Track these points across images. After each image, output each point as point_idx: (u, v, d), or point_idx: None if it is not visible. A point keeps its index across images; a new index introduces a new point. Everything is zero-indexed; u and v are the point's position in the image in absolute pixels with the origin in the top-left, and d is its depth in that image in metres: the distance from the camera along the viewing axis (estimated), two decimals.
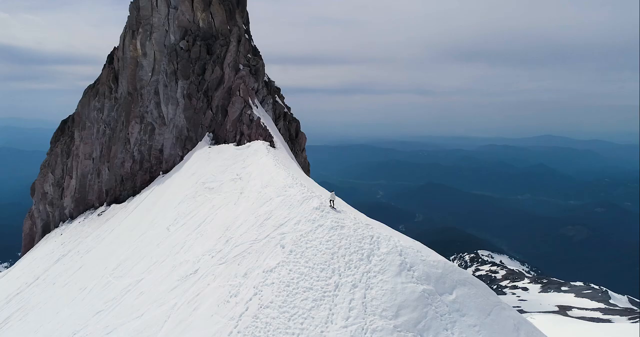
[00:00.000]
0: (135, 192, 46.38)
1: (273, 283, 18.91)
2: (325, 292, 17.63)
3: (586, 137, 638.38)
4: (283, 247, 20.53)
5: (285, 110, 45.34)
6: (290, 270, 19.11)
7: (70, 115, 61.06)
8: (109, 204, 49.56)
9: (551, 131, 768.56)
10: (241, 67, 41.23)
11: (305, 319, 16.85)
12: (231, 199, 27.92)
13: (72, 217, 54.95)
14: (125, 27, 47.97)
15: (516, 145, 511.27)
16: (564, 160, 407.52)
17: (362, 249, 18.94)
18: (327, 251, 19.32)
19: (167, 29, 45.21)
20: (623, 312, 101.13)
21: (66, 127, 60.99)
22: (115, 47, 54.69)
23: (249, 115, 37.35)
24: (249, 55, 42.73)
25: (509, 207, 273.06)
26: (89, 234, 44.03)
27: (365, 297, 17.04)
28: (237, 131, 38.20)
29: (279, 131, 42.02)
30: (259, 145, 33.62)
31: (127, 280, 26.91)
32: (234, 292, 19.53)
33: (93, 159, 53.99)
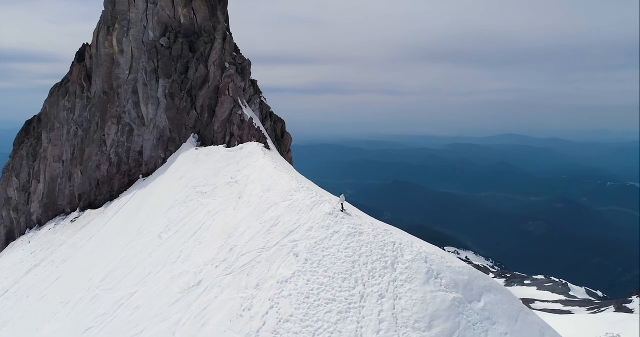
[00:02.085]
0: (112, 196, 43.90)
1: (290, 294, 17.81)
2: (350, 303, 16.70)
3: (544, 135, 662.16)
4: (296, 256, 19.43)
5: (271, 109, 44.02)
6: (308, 280, 18.06)
7: (35, 116, 57.57)
8: (82, 210, 46.79)
9: (512, 130, 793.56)
10: (227, 65, 39.60)
11: (332, 333, 15.86)
12: (229, 204, 26.51)
13: (40, 224, 51.69)
14: (99, 23, 45.31)
15: (479, 144, 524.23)
16: (524, 158, 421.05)
17: (385, 256, 18.10)
18: (346, 259, 18.38)
19: (145, 24, 42.95)
20: (582, 303, 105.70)
21: (31, 128, 57.44)
22: (84, 44, 51.82)
23: (240, 115, 35.83)
24: (234, 52, 41.15)
25: (473, 204, 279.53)
26: (63, 242, 41.33)
27: (394, 308, 16.22)
28: (226, 132, 36.59)
29: (266, 131, 40.67)
30: (254, 146, 32.22)
31: (118, 293, 25.07)
32: (246, 306, 18.29)
33: (63, 161, 50.92)
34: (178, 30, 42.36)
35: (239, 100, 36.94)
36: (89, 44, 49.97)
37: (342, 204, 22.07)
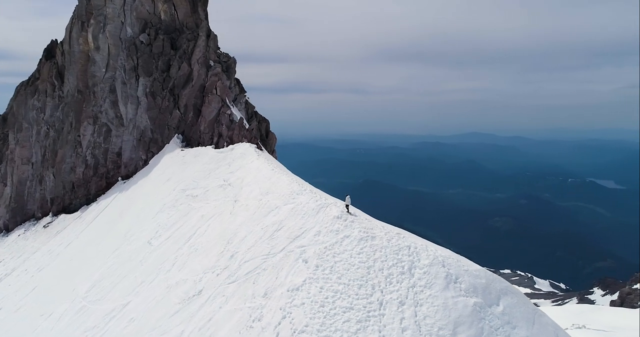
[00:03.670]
0: (89, 200, 41.76)
1: (303, 303, 17.01)
2: (369, 311, 16.08)
3: (508, 134, 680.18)
4: (306, 262, 18.65)
5: (256, 109, 42.91)
6: (321, 288, 17.32)
7: (0, 116, 54.48)
8: (55, 214, 44.39)
9: (478, 129, 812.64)
10: (212, 63, 38.28)
11: None
12: (225, 208, 25.44)
13: (8, 230, 48.84)
14: (73, 18, 43.04)
15: (446, 142, 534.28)
16: (489, 155, 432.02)
17: (401, 261, 17.59)
18: (361, 265, 17.75)
19: (123, 20, 41.03)
20: (547, 295, 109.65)
21: None
22: (53, 40, 49.31)
23: (229, 115, 34.63)
24: (219, 50, 39.83)
25: (441, 202, 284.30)
26: (37, 249, 39.03)
27: (416, 316, 15.71)
28: (214, 132, 35.31)
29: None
30: (246, 147, 31.11)
31: (109, 304, 23.64)
32: (256, 316, 17.39)
33: (32, 164, 48.28)
34: (159, 27, 40.67)
35: (227, 100, 35.74)
36: (58, 40, 47.68)
37: (348, 206, 21.50)
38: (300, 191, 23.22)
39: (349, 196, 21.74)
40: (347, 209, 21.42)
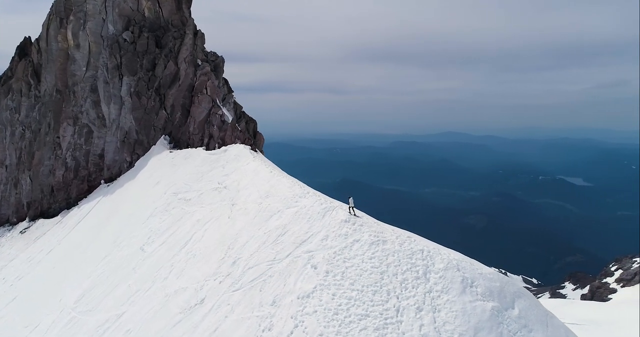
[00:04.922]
0: (70, 204, 40.01)
1: (316, 311, 16.45)
2: (386, 318, 15.64)
3: (481, 133, 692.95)
4: (315, 268, 18.08)
5: (243, 109, 41.95)
6: (333, 294, 16.79)
7: None
8: (33, 219, 42.40)
9: (452, 128, 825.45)
10: (199, 62, 37.15)
11: None
12: (222, 212, 24.58)
13: None
14: (50, 14, 41.11)
15: (422, 142, 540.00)
16: (463, 154, 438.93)
17: (416, 265, 17.21)
18: (374, 270, 17.29)
19: (104, 17, 39.44)
20: None
21: None
22: (26, 37, 47.12)
23: (221, 116, 33.63)
24: (206, 49, 38.71)
25: (417, 200, 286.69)
26: (15, 256, 37.12)
27: (435, 322, 15.36)
28: (204, 134, 34.24)
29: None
30: (240, 149, 30.23)
31: (102, 315, 22.48)
32: (266, 325, 16.72)
33: (7, 166, 46.07)
34: (142, 25, 39.24)
35: (218, 100, 34.73)
36: (31, 37, 45.60)
37: (352, 208, 21.05)
38: (303, 194, 22.61)
39: (351, 198, 21.29)
40: (353, 211, 20.98)
